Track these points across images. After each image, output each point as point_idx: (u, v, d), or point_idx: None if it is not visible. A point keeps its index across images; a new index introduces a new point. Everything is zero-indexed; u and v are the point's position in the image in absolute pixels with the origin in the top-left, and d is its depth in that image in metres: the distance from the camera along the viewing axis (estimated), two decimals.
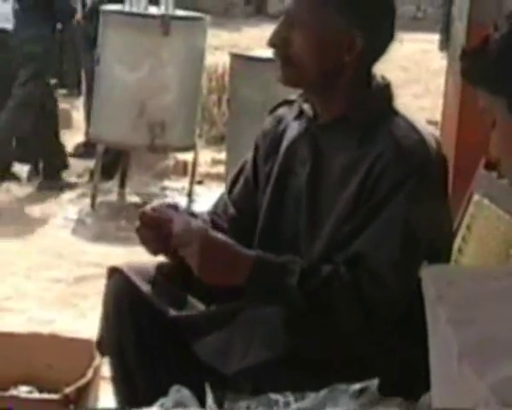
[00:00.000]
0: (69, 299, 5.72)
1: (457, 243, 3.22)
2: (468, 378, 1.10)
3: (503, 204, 2.96)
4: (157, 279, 2.78)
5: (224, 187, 3.01)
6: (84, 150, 8.91)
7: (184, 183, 8.12)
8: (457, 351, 1.12)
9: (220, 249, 2.57)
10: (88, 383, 3.32)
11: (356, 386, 2.32)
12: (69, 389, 3.25)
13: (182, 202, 7.39)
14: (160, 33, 7.18)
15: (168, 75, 7.32)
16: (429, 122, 5.66)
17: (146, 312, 2.77)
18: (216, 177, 7.75)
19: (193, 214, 2.78)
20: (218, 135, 8.97)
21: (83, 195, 8.07)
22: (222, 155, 8.26)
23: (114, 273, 2.85)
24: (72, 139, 9.39)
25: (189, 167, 8.02)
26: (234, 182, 2.92)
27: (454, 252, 3.07)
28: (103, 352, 2.97)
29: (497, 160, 1.93)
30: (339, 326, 2.55)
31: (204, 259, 2.52)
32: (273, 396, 2.42)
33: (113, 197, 8.02)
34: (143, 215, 2.67)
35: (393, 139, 2.58)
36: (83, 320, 4.75)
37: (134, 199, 8.02)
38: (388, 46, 2.62)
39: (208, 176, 8.31)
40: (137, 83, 7.26)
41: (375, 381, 2.31)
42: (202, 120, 8.13)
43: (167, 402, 2.47)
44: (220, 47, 9.01)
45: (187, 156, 8.17)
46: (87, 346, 3.26)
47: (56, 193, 7.93)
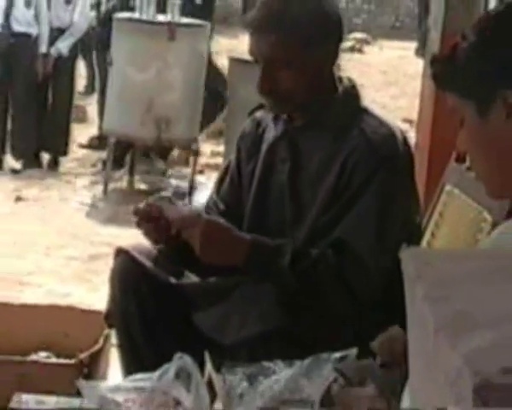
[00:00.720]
0: (83, 275, 5.80)
1: (430, 228, 3.30)
2: (443, 350, 1.07)
3: (472, 194, 3.00)
4: (158, 258, 2.84)
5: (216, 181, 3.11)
6: (98, 142, 8.99)
7: (187, 172, 8.16)
8: (433, 325, 1.09)
9: (220, 232, 2.64)
10: (99, 350, 3.38)
11: (337, 354, 2.36)
12: (83, 355, 3.31)
13: (184, 189, 7.53)
14: (167, 38, 7.27)
15: (173, 76, 7.40)
16: (406, 120, 5.76)
17: (149, 287, 2.82)
18: (215, 167, 7.81)
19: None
20: (217, 130, 9.01)
21: (96, 182, 8.15)
22: (220, 148, 8.38)
23: (121, 253, 2.89)
24: (86, 132, 9.52)
25: (192, 159, 8.06)
26: (221, 181, 2.98)
27: (427, 236, 3.20)
28: (111, 324, 3.01)
29: (465, 153, 1.96)
30: (325, 303, 2.62)
31: (205, 241, 2.59)
32: (265, 364, 2.45)
33: (123, 184, 8.07)
34: (137, 211, 2.71)
35: (364, 135, 2.65)
36: (95, 294, 4.78)
37: (142, 186, 8.11)
38: (335, 57, 2.70)
39: (208, 166, 8.39)
40: (145, 83, 7.34)
41: (354, 350, 2.35)
42: (203, 116, 8.11)
43: (171, 368, 2.50)
44: (220, 52, 9.06)
45: (189, 149, 8.17)
46: (99, 317, 3.25)
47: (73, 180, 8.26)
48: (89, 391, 2.70)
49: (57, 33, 8.45)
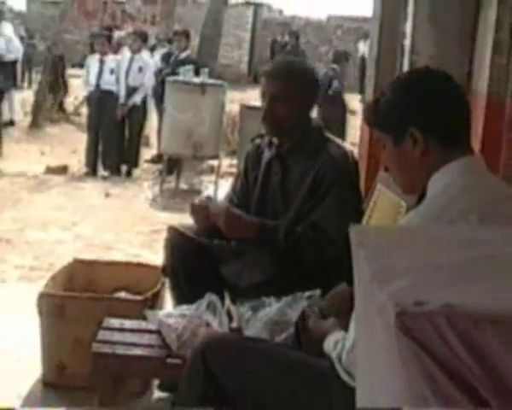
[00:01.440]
0: (148, 243, 6.56)
1: (368, 213, 3.69)
2: (375, 292, 1.21)
3: (394, 190, 3.47)
4: (198, 231, 3.34)
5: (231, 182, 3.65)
6: (157, 159, 10.35)
7: (212, 177, 9.31)
8: (369, 275, 1.27)
9: (237, 219, 3.16)
10: (158, 291, 3.68)
11: (307, 293, 2.80)
12: (148, 294, 3.62)
13: (211, 189, 8.76)
14: (200, 93, 8.51)
15: (203, 116, 8.52)
16: (352, 143, 6.39)
17: (189, 249, 3.28)
18: (231, 174, 8.66)
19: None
20: (232, 150, 10.38)
21: (155, 184, 9.35)
22: (234, 162, 9.60)
23: (171, 229, 3.41)
24: (150, 152, 11.02)
25: (216, 168, 9.26)
26: (235, 183, 3.50)
27: (366, 218, 3.66)
28: (165, 274, 3.48)
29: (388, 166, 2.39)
30: (304, 260, 3.14)
31: (228, 225, 3.14)
32: (265, 299, 2.88)
33: (173, 185, 9.22)
34: (192, 206, 3.28)
35: (329, 155, 3.16)
36: (156, 255, 5.23)
37: (184, 186, 9.35)
38: (314, 103, 3.34)
39: (227, 173, 9.48)
40: (186, 121, 8.48)
41: (318, 291, 2.81)
42: (223, 142, 9.45)
43: (203, 302, 2.95)
44: (233, 101, 10.29)
45: (214, 162, 9.43)
46: (158, 270, 3.66)
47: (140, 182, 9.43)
48: (151, 317, 3.08)
49: (132, 90, 9.96)
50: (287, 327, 2.63)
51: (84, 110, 11.38)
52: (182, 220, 3.34)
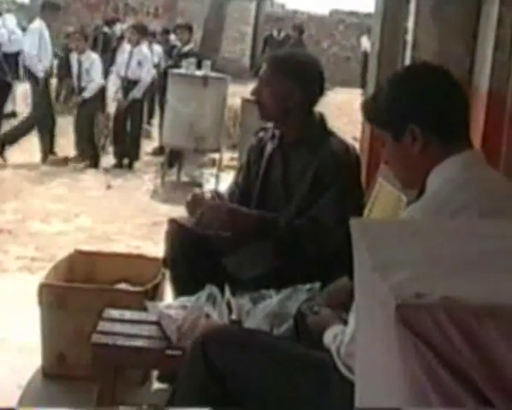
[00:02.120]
0: (149, 235, 6.52)
1: (369, 206, 3.69)
2: (376, 283, 1.21)
3: (394, 184, 3.49)
4: (198, 224, 3.30)
5: (234, 175, 3.63)
6: (158, 151, 10.29)
7: (214, 171, 9.28)
8: (371, 267, 1.26)
9: (238, 212, 3.20)
10: (158, 283, 3.69)
11: (307, 286, 2.81)
12: (148, 286, 3.63)
13: (212, 182, 8.73)
14: (202, 85, 8.44)
15: (205, 109, 8.47)
16: (353, 138, 6.41)
17: (190, 241, 3.28)
18: (232, 167, 8.71)
19: (219, 194, 3.42)
20: (233, 144, 10.22)
21: (157, 176, 9.29)
22: (235, 155, 9.57)
23: (172, 221, 3.41)
24: (151, 145, 10.91)
25: (217, 162, 9.22)
26: (237, 176, 3.50)
27: (367, 211, 3.65)
28: (166, 266, 3.49)
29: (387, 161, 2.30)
30: (304, 253, 3.15)
31: (228, 218, 3.19)
32: (264, 292, 2.91)
33: (174, 178, 9.16)
34: (187, 201, 3.29)
35: (330, 149, 3.15)
36: (157, 247, 5.15)
37: (186, 179, 9.29)
38: (319, 95, 3.27)
39: (228, 167, 9.40)
40: (188, 113, 8.42)
41: (318, 283, 2.82)
42: (224, 135, 9.32)
43: (203, 294, 2.95)
44: (235, 94, 10.12)
45: (215, 155, 9.37)
46: (159, 261, 3.67)
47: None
48: (151, 308, 3.09)
49: (133, 84, 9.92)
50: (286, 319, 2.63)
51: None
52: (183, 213, 3.32)
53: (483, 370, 1.12)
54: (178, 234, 3.34)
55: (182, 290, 3.24)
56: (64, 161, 9.74)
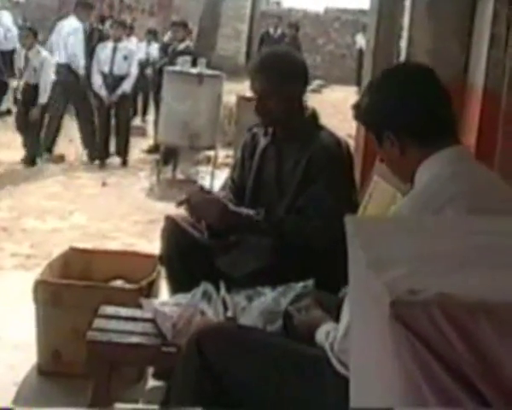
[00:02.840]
0: (144, 232, 6.54)
1: (364, 204, 3.71)
2: (371, 279, 1.21)
3: (389, 181, 3.51)
4: (195, 224, 3.34)
5: (229, 172, 3.60)
6: (153, 149, 10.26)
7: (209, 168, 9.25)
8: (365, 264, 1.26)
9: (226, 210, 3.19)
10: (153, 280, 3.71)
11: (300, 284, 2.81)
12: (143, 283, 3.64)
13: (207, 180, 8.68)
14: (197, 83, 8.40)
15: (200, 107, 8.43)
16: (348, 135, 6.42)
17: (186, 239, 3.30)
18: (227, 165, 8.82)
19: (209, 192, 3.46)
20: (228, 141, 10.17)
21: (152, 174, 9.26)
22: (230, 153, 9.58)
23: (168, 219, 3.42)
24: (146, 143, 10.90)
25: (212, 159, 9.19)
26: (232, 171, 3.53)
27: (362, 208, 3.66)
28: (161, 263, 3.48)
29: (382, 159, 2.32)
30: (291, 245, 3.15)
31: (219, 215, 3.17)
32: (259, 289, 2.90)
33: (169, 175, 9.11)
34: (190, 190, 3.29)
35: (321, 143, 3.18)
36: (152, 244, 5.19)
37: (181, 176, 9.26)
38: (305, 90, 3.34)
39: (223, 164, 9.42)
40: (183, 111, 8.38)
41: (311, 281, 2.82)
42: (220, 133, 9.21)
43: (199, 291, 2.98)
44: (231, 92, 10.15)
45: (211, 153, 9.34)
46: (154, 259, 3.67)
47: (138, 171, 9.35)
48: (146, 305, 3.11)
49: (119, 79, 9.81)
50: (280, 316, 2.64)
51: None
52: (178, 210, 3.32)
53: (477, 366, 1.12)
54: (174, 232, 3.35)
55: (177, 288, 3.25)
56: (60, 159, 9.72)
